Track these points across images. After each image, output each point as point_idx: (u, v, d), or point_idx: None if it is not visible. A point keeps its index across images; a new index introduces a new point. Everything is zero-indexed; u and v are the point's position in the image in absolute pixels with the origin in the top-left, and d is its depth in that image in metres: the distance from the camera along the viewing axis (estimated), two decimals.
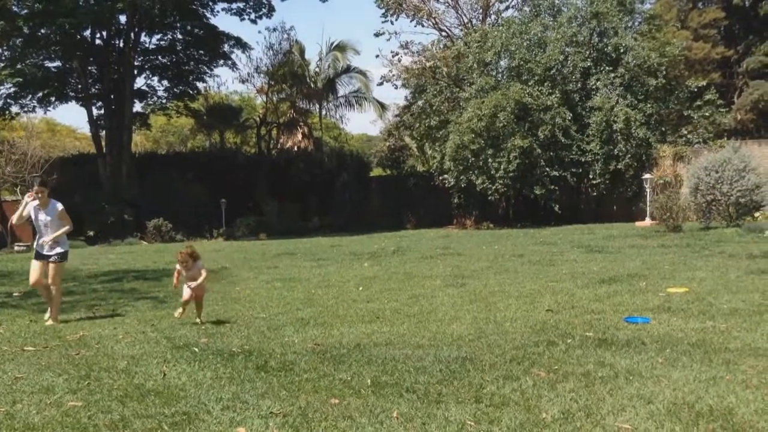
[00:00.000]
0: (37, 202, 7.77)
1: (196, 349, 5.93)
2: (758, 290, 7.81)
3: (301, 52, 34.38)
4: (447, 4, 28.68)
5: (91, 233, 24.09)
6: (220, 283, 10.70)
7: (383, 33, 28.83)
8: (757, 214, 17.18)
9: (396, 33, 30.52)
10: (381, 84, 30.08)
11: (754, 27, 32.22)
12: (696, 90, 24.36)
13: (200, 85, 31.33)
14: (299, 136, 34.42)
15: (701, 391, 4.27)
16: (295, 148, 33.60)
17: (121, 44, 27.31)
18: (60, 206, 7.98)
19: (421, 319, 7.02)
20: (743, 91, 31.32)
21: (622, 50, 22.80)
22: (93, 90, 27.94)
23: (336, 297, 8.82)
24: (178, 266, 7.38)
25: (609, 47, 23.07)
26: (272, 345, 6.05)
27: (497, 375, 4.80)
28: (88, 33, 26.76)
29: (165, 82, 30.28)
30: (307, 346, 5.97)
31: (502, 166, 21.86)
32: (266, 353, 5.73)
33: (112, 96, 27.30)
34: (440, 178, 24.82)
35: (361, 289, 9.47)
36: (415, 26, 28.75)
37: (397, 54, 28.42)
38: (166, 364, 5.48)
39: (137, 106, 29.67)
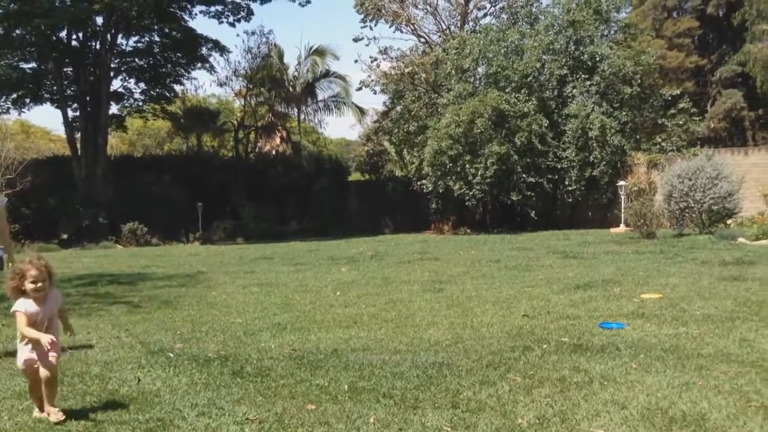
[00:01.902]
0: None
1: (171, 355, 5.88)
2: (730, 297, 7.93)
3: (280, 55, 34.32)
4: (425, 11, 28.83)
5: (65, 236, 23.80)
6: (196, 288, 10.62)
7: (362, 38, 28.88)
8: (729, 222, 17.42)
9: (375, 38, 30.52)
10: (360, 89, 30.14)
11: (727, 36, 32.76)
12: (670, 98, 24.70)
13: (177, 87, 31.15)
14: (277, 140, 34.33)
15: (674, 396, 4.33)
16: (273, 152, 33.50)
17: (98, 46, 27.05)
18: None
19: (398, 324, 7.03)
20: (716, 99, 31.82)
21: (597, 58, 23.05)
22: (68, 92, 27.63)
23: (313, 302, 8.79)
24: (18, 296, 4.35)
25: (585, 55, 23.32)
26: (248, 350, 6.02)
27: (474, 380, 4.82)
28: (63, 34, 26.48)
29: (142, 85, 30.05)
30: (283, 351, 5.95)
31: (479, 172, 21.97)
32: (242, 359, 5.70)
33: (87, 98, 27.01)
34: (418, 183, 24.88)
35: (338, 294, 9.46)
36: (394, 32, 28.83)
37: (375, 59, 28.50)
38: (141, 369, 5.43)
39: (113, 108, 29.40)
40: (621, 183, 21.11)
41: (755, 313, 6.96)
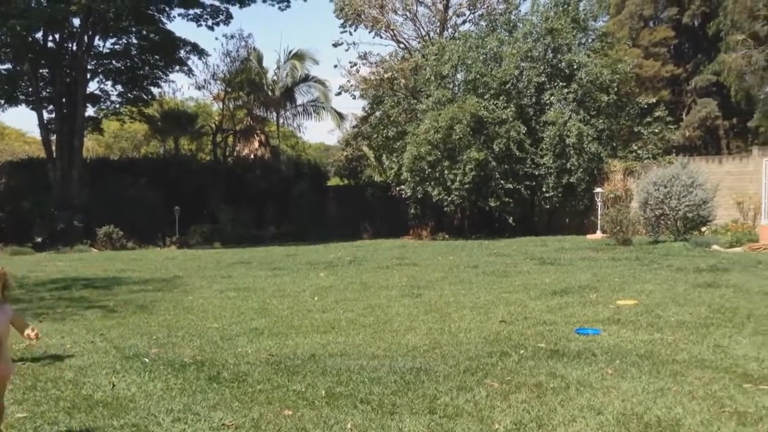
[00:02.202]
0: None
1: (147, 360, 5.83)
2: (705, 303, 8.03)
3: (259, 59, 34.20)
4: (405, 17, 28.91)
5: (39, 239, 23.47)
6: (173, 292, 10.53)
7: (342, 43, 28.90)
8: (704, 229, 17.65)
9: (354, 44, 30.68)
10: (339, 94, 30.14)
11: (702, 46, 33.23)
12: (646, 106, 24.99)
13: (155, 90, 30.87)
14: (256, 144, 34.18)
15: (649, 402, 4.37)
16: (252, 156, 33.34)
17: (74, 47, 26.74)
18: None
19: (376, 330, 7.02)
20: (691, 108, 32.21)
21: (575, 66, 23.27)
22: (44, 93, 27.27)
23: (291, 307, 8.76)
24: None
25: (563, 63, 23.52)
26: (225, 355, 5.98)
27: (451, 386, 4.83)
28: (40, 35, 26.15)
29: (119, 87, 29.73)
30: (260, 356, 5.92)
31: (457, 178, 22.05)
32: (219, 364, 5.66)
33: (63, 100, 26.69)
34: (397, 188, 24.92)
35: (316, 299, 9.43)
36: (374, 37, 28.92)
37: (355, 64, 28.52)
38: (115, 374, 5.37)
39: (90, 111, 29.06)
40: (597, 190, 21.30)
41: (729, 319, 7.05)
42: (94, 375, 5.36)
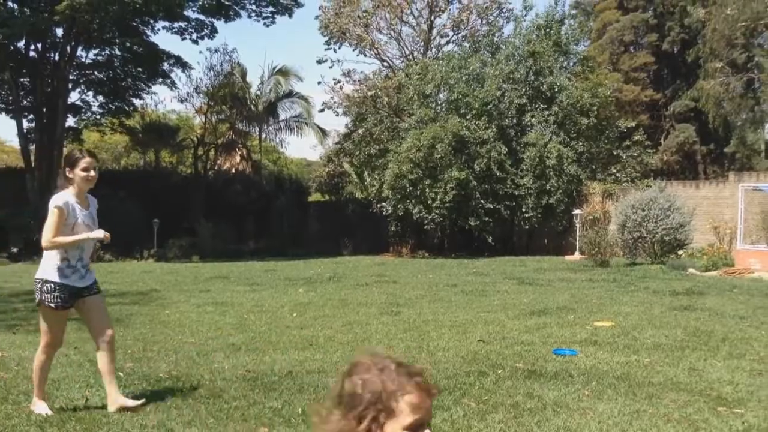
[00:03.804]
0: (73, 193, 4.74)
1: (121, 374, 5.75)
2: (680, 326, 8.10)
3: (243, 74, 34.21)
4: (389, 36, 29.10)
5: (15, 250, 23.16)
6: (149, 306, 10.43)
7: (326, 60, 29.00)
8: (680, 252, 17.84)
9: (339, 61, 30.86)
10: (322, 110, 30.20)
11: (681, 72, 33.78)
12: (625, 130, 25.30)
13: (137, 102, 30.73)
14: (237, 158, 34.10)
15: (625, 423, 4.39)
16: (233, 170, 33.25)
17: (56, 57, 26.59)
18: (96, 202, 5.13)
19: (354, 347, 7.00)
20: (670, 133, 32.69)
21: (556, 89, 23.52)
22: (24, 102, 27.05)
23: (269, 323, 8.71)
24: None
25: (544, 86, 23.77)
26: (201, 371, 5.93)
27: None
28: (22, 44, 25.99)
29: (100, 98, 29.56)
30: (237, 372, 5.87)
31: (438, 197, 22.13)
32: (194, 379, 5.61)
33: (44, 109, 26.47)
34: (378, 205, 24.94)
35: (295, 315, 9.39)
36: (358, 55, 29.10)
37: (339, 82, 28.62)
38: (89, 388, 5.30)
39: (70, 121, 28.85)
40: (576, 211, 21.47)
41: (704, 342, 7.12)
42: (68, 388, 5.29)
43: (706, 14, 29.71)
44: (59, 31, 26.07)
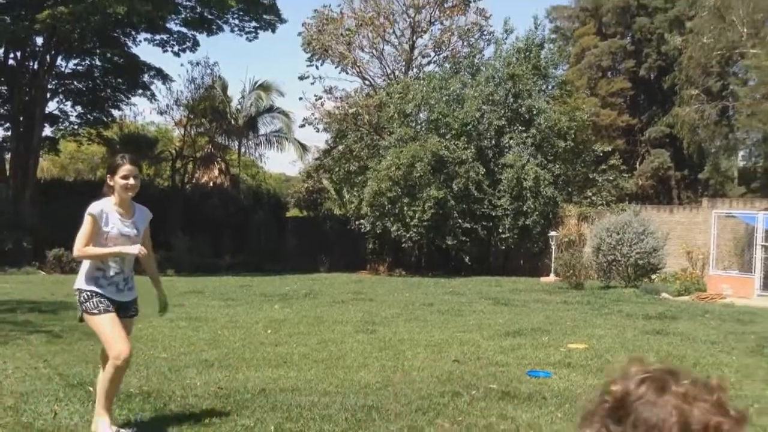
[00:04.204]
0: (113, 201, 4.57)
1: (91, 389, 5.66)
2: (653, 350, 8.18)
3: (224, 88, 34.17)
4: (371, 54, 29.27)
5: None
6: None
7: (308, 76, 29.07)
8: (653, 276, 18.03)
9: (320, 77, 30.75)
10: (303, 126, 30.26)
11: (657, 98, 34.34)
12: (602, 154, 25.63)
13: (116, 113, 30.54)
14: (216, 172, 33.92)
15: None
16: (211, 184, 33.07)
17: (36, 66, 26.37)
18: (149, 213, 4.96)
19: (329, 365, 6.97)
20: (645, 158, 33.13)
21: (534, 112, 23.78)
22: (1, 111, 26.79)
23: (243, 339, 8.64)
24: None
25: (523, 108, 24.02)
26: (173, 387, 5.86)
27: (402, 425, 4.81)
28: (0, 52, 25.77)
29: (79, 108, 29.34)
30: (210, 389, 5.82)
31: (416, 215, 22.20)
32: (166, 395, 5.54)
33: (21, 118, 26.20)
34: (356, 222, 24.94)
35: (269, 331, 9.33)
36: (340, 72, 29.12)
37: (320, 98, 28.69)
38: (58, 402, 5.22)
39: (47, 130, 28.58)
40: (552, 233, 21.65)
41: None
42: (36, 402, 5.20)
43: (682, 42, 30.31)
44: (39, 40, 25.90)
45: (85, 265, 4.45)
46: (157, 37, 27.98)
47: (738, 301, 14.64)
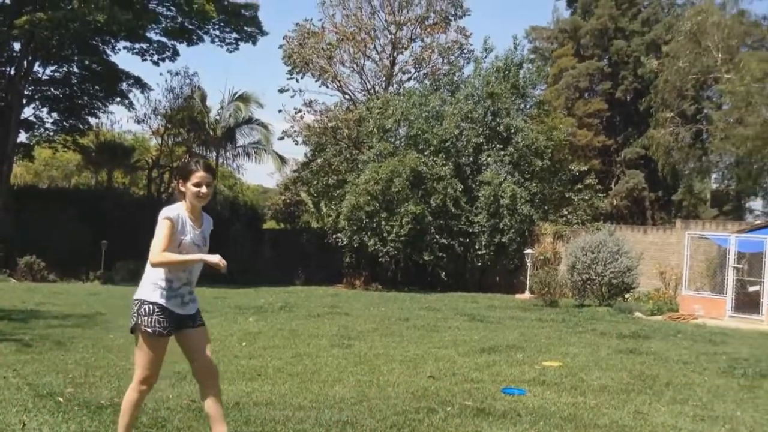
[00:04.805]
0: (185, 208, 4.25)
1: (61, 399, 5.58)
2: (626, 369, 8.24)
3: (203, 98, 34.04)
4: (352, 69, 29.37)
5: None
6: (93, 329, 10.16)
7: (288, 89, 29.08)
8: (627, 296, 18.20)
9: (301, 91, 30.68)
10: (282, 138, 30.22)
11: (633, 120, 34.84)
12: (578, 174, 25.91)
13: (92, 120, 30.30)
14: None
15: None
16: None
17: (12, 72, 26.08)
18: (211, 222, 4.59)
19: (304, 379, 6.92)
20: (620, 178, 33.54)
21: (512, 130, 24.00)
22: None
23: (217, 351, 8.51)
24: None
25: (501, 126, 24.22)
26: (145, 399, 5.77)
27: None
28: None
29: (55, 114, 29.06)
30: (182, 402, 5.75)
31: (394, 230, 22.23)
32: None
33: None
34: (334, 236, 24.90)
35: (244, 344, 9.25)
36: (320, 86, 29.14)
37: (300, 111, 28.70)
38: (27, 413, 5.12)
39: (22, 137, 28.24)
40: (528, 251, 21.78)
41: (649, 386, 7.25)
42: (4, 413, 5.10)
43: (659, 65, 30.83)
44: (17, 46, 25.64)
45: (152, 274, 4.13)
46: (137, 45, 27.86)
47: (710, 322, 14.81)
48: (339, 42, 28.05)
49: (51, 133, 29.66)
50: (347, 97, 29.64)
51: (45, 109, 28.70)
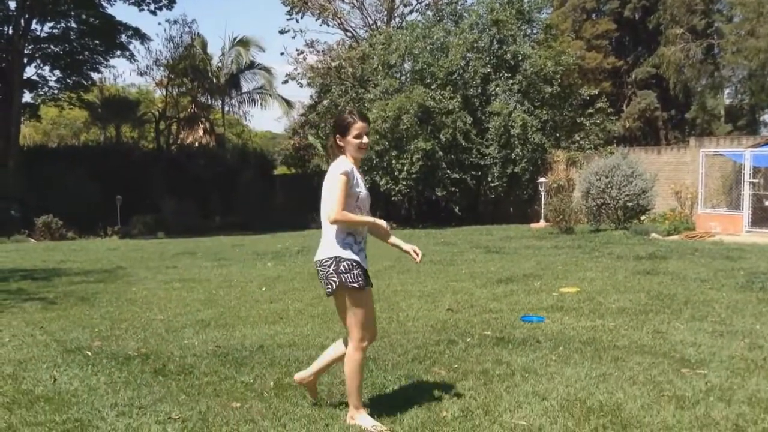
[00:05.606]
0: (350, 163, 4.09)
1: (89, 353, 5.69)
2: (644, 290, 8.27)
3: (203, 46, 33.64)
4: (352, 5, 28.79)
5: None
6: (115, 284, 10.31)
7: (288, 30, 28.64)
8: (643, 218, 18.16)
9: (301, 31, 30.31)
10: (286, 82, 29.92)
11: (642, 39, 34.05)
12: (588, 98, 25.52)
13: (95, 76, 30.10)
14: (200, 132, 33.64)
15: (592, 387, 4.49)
16: (196, 144, 32.81)
17: (10, 31, 25.80)
18: None
19: (324, 320, 7.02)
20: (632, 100, 33.01)
21: (520, 58, 23.56)
22: None
23: (238, 298, 8.67)
24: None
25: (508, 54, 23.80)
26: (171, 348, 5.89)
27: (400, 374, 4.87)
28: None
29: (57, 72, 28.86)
30: (207, 348, 5.85)
31: (405, 168, 22.15)
32: (164, 356, 5.57)
33: None
34: None
35: (264, 289, 9.36)
36: (321, 25, 28.69)
37: (302, 52, 28.31)
38: (57, 368, 5.24)
39: (27, 97, 28.15)
40: (541, 180, 21.69)
41: (667, 306, 7.29)
42: (35, 369, 5.22)
43: None
44: (12, 4, 25.29)
45: (332, 231, 4.01)
46: None
47: (727, 239, 14.79)
48: None
49: (55, 92, 29.54)
50: (349, 34, 29.16)
51: (47, 68, 28.53)
